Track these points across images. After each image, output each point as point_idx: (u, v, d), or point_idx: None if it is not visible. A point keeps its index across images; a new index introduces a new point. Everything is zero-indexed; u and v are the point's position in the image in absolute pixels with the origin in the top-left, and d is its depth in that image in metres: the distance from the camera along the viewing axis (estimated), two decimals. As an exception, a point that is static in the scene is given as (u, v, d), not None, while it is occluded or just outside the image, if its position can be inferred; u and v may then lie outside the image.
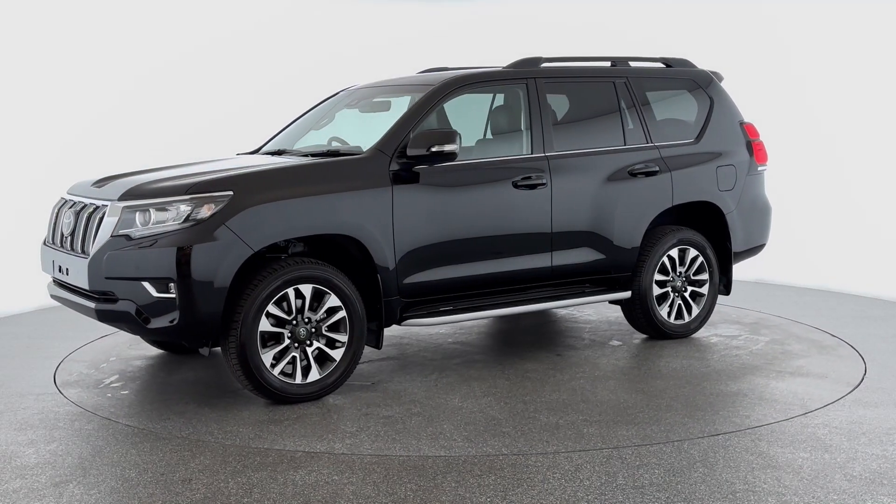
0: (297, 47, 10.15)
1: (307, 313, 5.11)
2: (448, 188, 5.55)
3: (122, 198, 5.03)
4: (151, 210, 4.93)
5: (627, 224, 6.19)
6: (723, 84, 6.88)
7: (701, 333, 6.74)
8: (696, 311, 6.59)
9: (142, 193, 5.04)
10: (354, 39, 10.39)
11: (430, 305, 5.63)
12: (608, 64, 6.49)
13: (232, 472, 4.12)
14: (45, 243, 5.68)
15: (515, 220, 5.78)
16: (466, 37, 10.41)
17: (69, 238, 5.32)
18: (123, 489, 3.95)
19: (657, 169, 6.27)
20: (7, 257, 8.21)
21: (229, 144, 7.46)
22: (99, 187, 5.36)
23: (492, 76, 6.04)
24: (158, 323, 4.88)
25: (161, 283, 4.83)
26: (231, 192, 4.94)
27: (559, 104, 6.30)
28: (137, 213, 4.94)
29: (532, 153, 5.89)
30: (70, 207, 5.44)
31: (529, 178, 5.79)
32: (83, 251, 5.12)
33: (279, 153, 6.13)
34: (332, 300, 5.15)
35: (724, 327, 7.00)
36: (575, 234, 6.00)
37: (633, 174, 6.19)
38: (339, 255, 5.45)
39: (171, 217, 4.89)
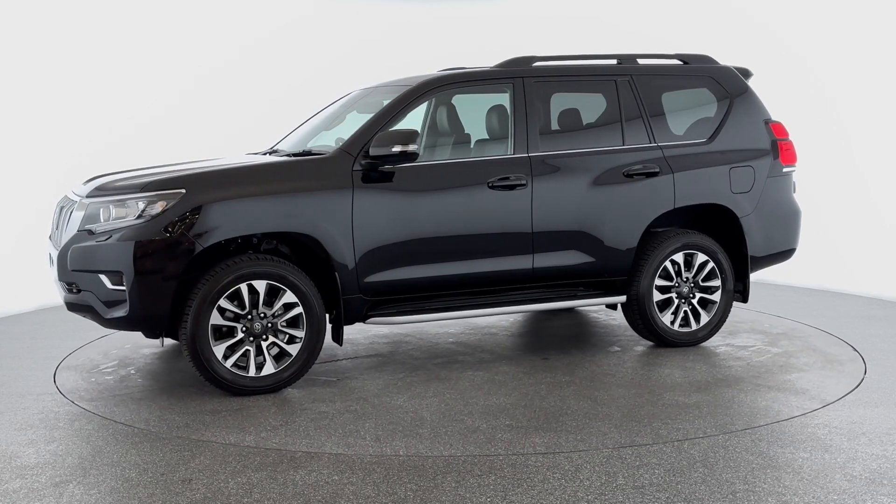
0: (320, 49, 10.26)
1: (263, 309, 5.21)
2: (416, 188, 5.58)
3: (90, 195, 5.31)
4: (111, 206, 5.17)
5: (621, 226, 6.04)
6: (749, 81, 6.60)
7: (714, 341, 6.46)
8: (705, 318, 6.30)
9: (106, 190, 5.30)
10: (374, 41, 10.44)
11: (399, 304, 5.65)
12: (614, 62, 6.33)
13: (232, 472, 4.12)
14: (49, 238, 5.91)
15: (490, 220, 5.74)
16: (488, 36, 10.41)
17: (55, 232, 5.62)
18: (123, 489, 3.95)
19: (657, 170, 6.11)
20: (7, 258, 8.21)
21: (255, 145, 7.50)
22: (85, 185, 5.63)
23: (473, 77, 6.03)
24: (113, 314, 5.13)
25: (115, 276, 5.08)
26: (183, 190, 5.13)
27: (554, 104, 6.20)
28: (101, 209, 5.19)
29: (515, 153, 5.86)
30: (62, 204, 5.71)
31: (507, 178, 5.76)
32: (59, 244, 5.38)
33: (272, 153, 6.24)
34: (288, 296, 5.25)
35: (745, 336, 6.70)
36: (559, 235, 5.91)
37: (630, 175, 6.05)
38: (307, 253, 5.56)
39: (128, 213, 5.13)
